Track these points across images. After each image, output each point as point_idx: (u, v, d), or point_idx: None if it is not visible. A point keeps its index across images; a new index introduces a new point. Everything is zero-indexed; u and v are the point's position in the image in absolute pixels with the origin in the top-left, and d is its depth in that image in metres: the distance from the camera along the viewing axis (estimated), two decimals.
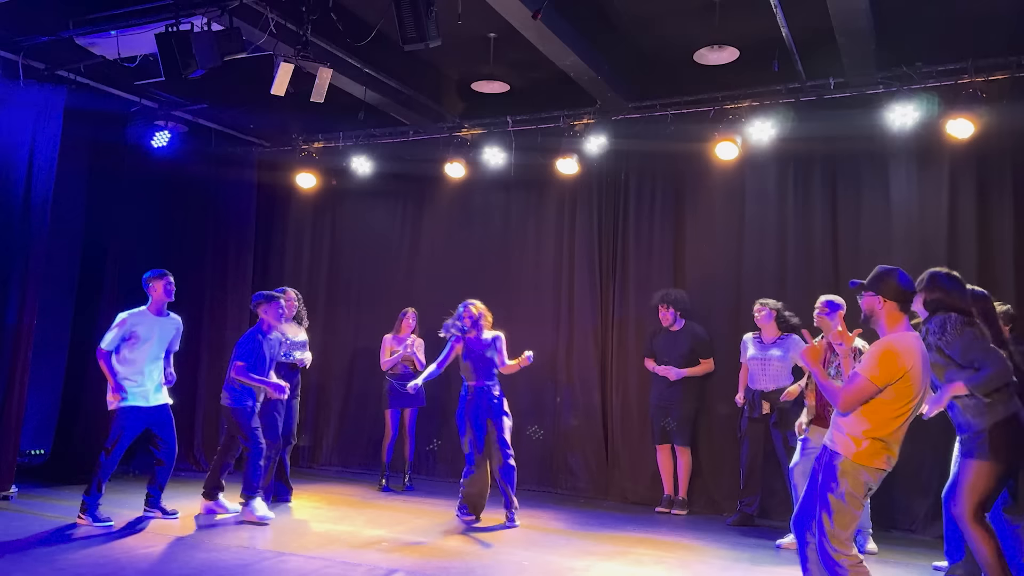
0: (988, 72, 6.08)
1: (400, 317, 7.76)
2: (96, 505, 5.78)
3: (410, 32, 5.07)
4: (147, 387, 5.94)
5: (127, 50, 6.22)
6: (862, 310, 3.75)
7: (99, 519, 5.74)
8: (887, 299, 3.61)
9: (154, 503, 6.08)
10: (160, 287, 6.01)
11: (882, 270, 3.71)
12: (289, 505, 6.78)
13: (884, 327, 3.64)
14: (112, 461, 5.86)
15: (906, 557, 5.67)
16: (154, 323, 6.00)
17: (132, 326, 5.92)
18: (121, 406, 5.86)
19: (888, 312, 3.62)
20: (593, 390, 7.83)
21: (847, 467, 3.50)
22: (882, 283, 3.65)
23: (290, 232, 9.34)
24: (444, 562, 5.17)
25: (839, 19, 5.51)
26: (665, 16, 6.28)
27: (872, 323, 3.70)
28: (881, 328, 3.66)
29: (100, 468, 5.80)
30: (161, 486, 6.08)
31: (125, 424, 5.85)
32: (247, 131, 8.73)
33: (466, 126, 8.00)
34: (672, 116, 7.17)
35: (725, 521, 6.68)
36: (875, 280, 3.68)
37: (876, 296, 3.64)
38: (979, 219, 6.49)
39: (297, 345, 6.85)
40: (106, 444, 5.86)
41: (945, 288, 4.30)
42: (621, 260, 7.86)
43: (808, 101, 6.72)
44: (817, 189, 7.15)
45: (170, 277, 6.07)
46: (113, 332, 5.92)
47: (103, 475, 5.82)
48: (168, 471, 6.08)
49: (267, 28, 5.72)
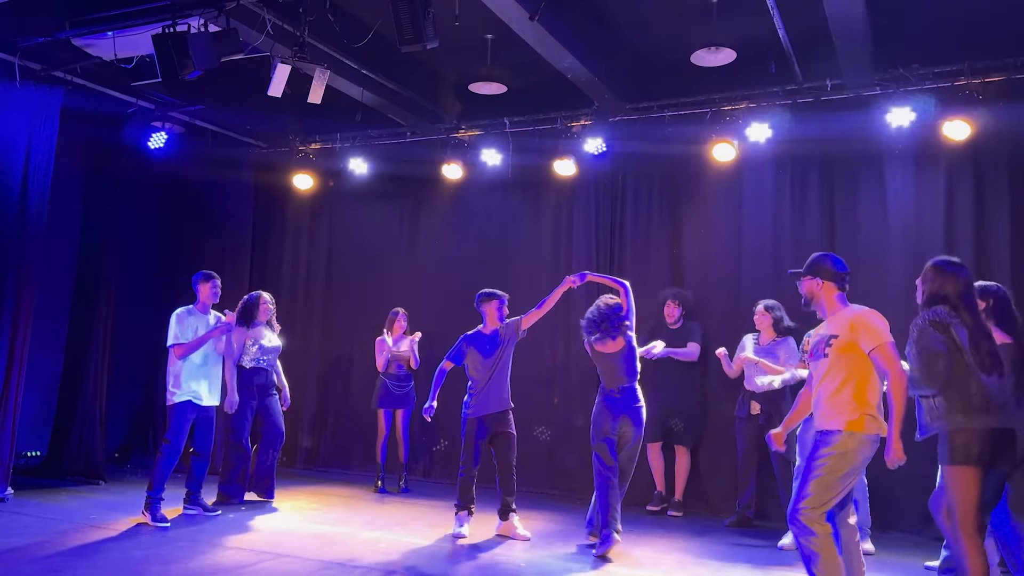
0: (984, 74, 6.10)
1: (392, 317, 7.75)
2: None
3: (407, 33, 5.07)
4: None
5: (124, 51, 6.23)
6: (802, 295, 4.17)
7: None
8: (825, 280, 4.04)
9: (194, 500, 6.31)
10: (207, 289, 6.27)
11: (815, 256, 4.15)
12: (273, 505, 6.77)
13: (824, 306, 4.07)
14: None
15: (904, 557, 5.67)
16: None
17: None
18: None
19: (827, 292, 4.05)
20: (590, 391, 7.80)
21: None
22: (817, 267, 4.07)
23: (287, 234, 9.32)
24: (442, 564, 5.17)
25: (836, 21, 5.52)
26: (662, 18, 6.29)
27: (813, 305, 4.12)
28: (822, 308, 4.08)
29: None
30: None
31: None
32: (244, 132, 8.72)
33: (463, 127, 8.00)
34: (669, 118, 7.18)
35: (723, 523, 6.68)
36: (811, 265, 4.11)
37: (815, 279, 4.06)
38: (976, 220, 6.50)
39: (270, 351, 6.81)
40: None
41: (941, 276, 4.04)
42: (618, 261, 7.86)
43: (805, 103, 6.73)
44: (814, 191, 7.16)
45: (217, 280, 6.35)
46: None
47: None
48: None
49: (264, 29, 5.72)
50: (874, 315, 3.95)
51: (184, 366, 6.04)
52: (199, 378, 6.12)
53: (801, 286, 4.15)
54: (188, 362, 6.06)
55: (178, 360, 6.04)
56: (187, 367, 6.06)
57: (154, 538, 5.52)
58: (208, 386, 6.19)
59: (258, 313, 6.78)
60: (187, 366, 6.06)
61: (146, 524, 5.81)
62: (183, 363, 6.04)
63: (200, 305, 6.25)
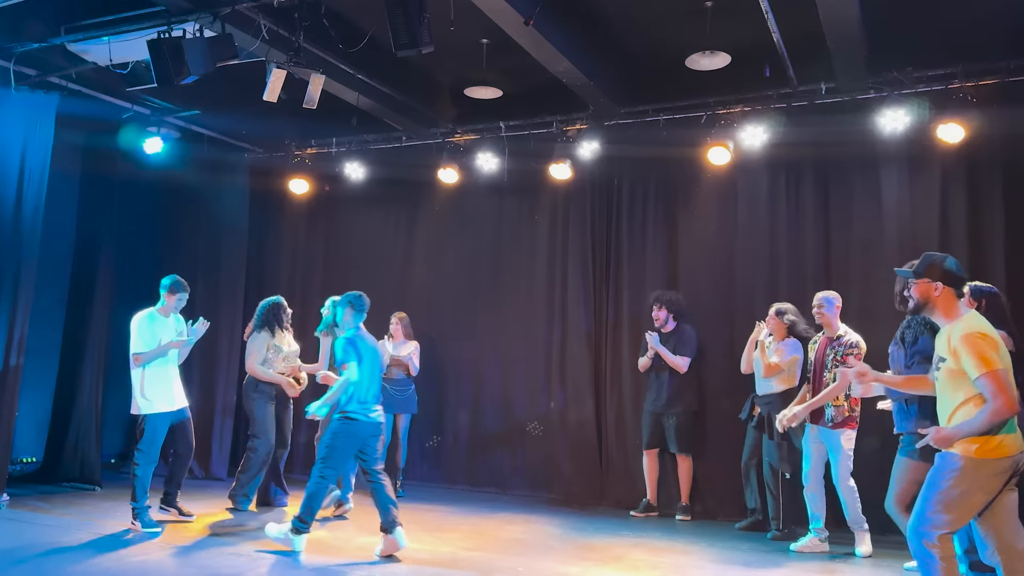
0: (978, 77, 6.11)
1: (395, 321, 7.75)
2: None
3: (403, 38, 5.07)
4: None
5: (119, 56, 6.23)
6: (913, 297, 3.67)
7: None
8: (946, 285, 3.55)
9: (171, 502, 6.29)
10: (174, 300, 6.21)
11: (929, 256, 3.65)
12: (285, 510, 6.80)
13: (941, 314, 3.57)
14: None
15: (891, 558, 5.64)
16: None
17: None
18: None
19: (945, 297, 3.56)
20: (587, 395, 7.83)
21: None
22: (933, 268, 3.58)
23: (284, 238, 9.32)
24: (438, 569, 5.16)
25: (830, 25, 5.54)
26: (657, 22, 6.30)
27: (927, 311, 3.64)
28: (938, 315, 3.59)
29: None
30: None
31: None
32: (240, 137, 8.71)
33: (459, 132, 8.00)
34: (664, 121, 7.19)
35: (734, 527, 6.64)
36: (926, 266, 3.61)
37: (931, 282, 3.56)
38: (970, 223, 6.52)
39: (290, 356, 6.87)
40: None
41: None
42: (614, 265, 7.87)
43: (799, 106, 6.74)
44: (809, 194, 7.17)
45: (186, 293, 6.30)
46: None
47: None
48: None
49: (259, 34, 5.73)
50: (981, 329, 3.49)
51: (152, 373, 5.95)
52: (168, 383, 6.04)
53: (914, 288, 3.67)
54: (155, 368, 5.97)
55: (138, 367, 5.94)
56: (155, 374, 5.97)
57: (148, 544, 5.50)
58: (177, 389, 6.13)
59: (285, 319, 6.81)
60: (155, 373, 5.97)
61: (136, 530, 5.78)
62: (147, 370, 5.94)
63: (163, 309, 6.16)
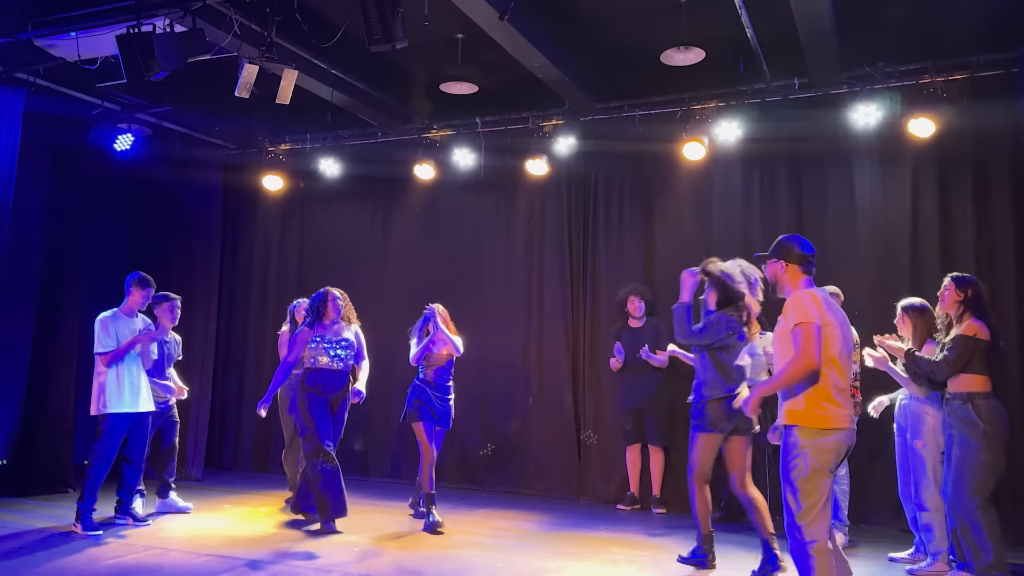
0: (948, 72, 6.20)
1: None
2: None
3: (376, 33, 5.05)
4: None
5: (88, 52, 6.12)
6: (767, 278, 4.06)
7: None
8: (789, 263, 3.89)
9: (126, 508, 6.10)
10: (139, 296, 6.12)
11: (780, 239, 3.99)
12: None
13: (788, 288, 3.91)
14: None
15: (872, 549, 5.72)
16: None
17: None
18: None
19: (790, 274, 3.89)
20: (565, 390, 7.84)
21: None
22: (780, 248, 3.94)
23: (258, 235, 9.24)
24: (416, 566, 5.15)
25: (803, 20, 5.58)
26: (631, 18, 6.31)
27: (777, 289, 3.97)
28: (787, 291, 3.93)
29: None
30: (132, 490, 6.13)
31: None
32: (212, 134, 8.63)
33: (435, 127, 7.97)
34: (639, 117, 7.22)
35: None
36: (773, 247, 3.97)
37: (779, 262, 3.92)
38: (941, 216, 6.60)
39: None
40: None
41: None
42: (591, 260, 7.89)
43: (773, 101, 6.80)
44: (783, 188, 7.22)
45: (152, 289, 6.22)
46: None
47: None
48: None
49: (231, 29, 5.66)
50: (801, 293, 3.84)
51: (115, 374, 5.85)
52: (133, 384, 5.93)
53: (766, 270, 4.05)
54: (119, 369, 5.87)
55: (105, 368, 5.84)
56: (119, 375, 5.87)
57: (122, 544, 5.44)
58: (141, 391, 6.00)
59: (328, 311, 6.08)
60: (119, 374, 5.87)
61: (76, 533, 5.67)
62: (112, 371, 5.84)
63: (127, 308, 6.05)
